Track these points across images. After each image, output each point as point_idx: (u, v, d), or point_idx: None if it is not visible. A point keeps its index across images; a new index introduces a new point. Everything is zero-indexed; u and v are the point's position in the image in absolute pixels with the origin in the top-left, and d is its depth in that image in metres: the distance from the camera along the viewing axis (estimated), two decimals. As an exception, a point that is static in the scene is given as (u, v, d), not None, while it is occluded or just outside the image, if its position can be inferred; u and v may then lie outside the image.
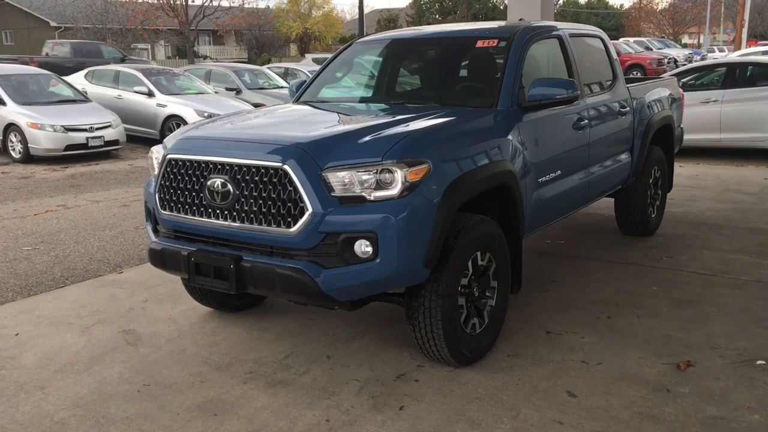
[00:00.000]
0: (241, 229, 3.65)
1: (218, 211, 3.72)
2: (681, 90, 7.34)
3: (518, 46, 4.63)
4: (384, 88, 5.19)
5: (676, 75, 11.15)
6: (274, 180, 3.52)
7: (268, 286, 3.63)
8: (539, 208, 4.57)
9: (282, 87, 17.08)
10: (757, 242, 6.40)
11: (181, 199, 3.87)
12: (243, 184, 3.61)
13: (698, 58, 41.36)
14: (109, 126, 12.96)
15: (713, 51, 51.79)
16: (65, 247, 6.75)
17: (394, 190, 3.44)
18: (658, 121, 6.37)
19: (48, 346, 4.40)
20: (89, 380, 3.92)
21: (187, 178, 3.83)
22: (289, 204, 3.49)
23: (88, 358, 4.21)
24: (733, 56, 16.62)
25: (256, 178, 3.57)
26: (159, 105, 14.22)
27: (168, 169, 3.92)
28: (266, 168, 3.55)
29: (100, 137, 12.77)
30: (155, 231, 4.20)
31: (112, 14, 40.32)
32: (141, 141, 14.63)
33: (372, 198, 3.46)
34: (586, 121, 5.10)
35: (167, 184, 3.93)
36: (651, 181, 6.45)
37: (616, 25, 67.22)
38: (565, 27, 5.41)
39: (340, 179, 3.47)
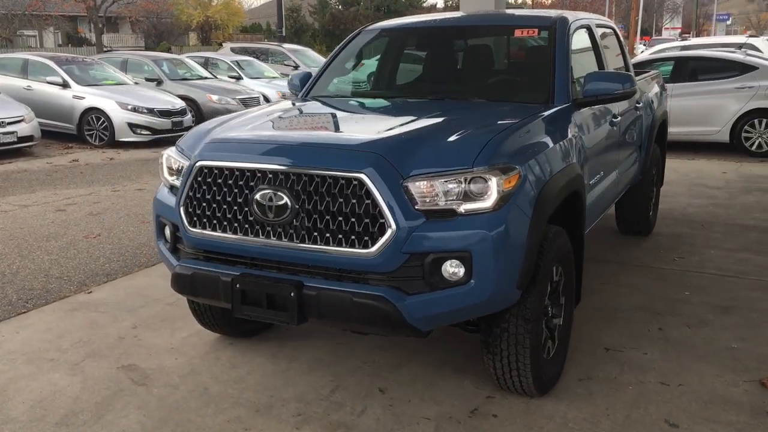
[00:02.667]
0: (301, 249, 3.06)
1: (269, 229, 3.12)
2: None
3: (562, 36, 4.23)
4: (412, 82, 4.63)
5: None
6: (347, 192, 2.96)
7: (338, 317, 3.06)
8: (588, 213, 4.20)
9: (206, 78, 16.08)
10: (755, 240, 6.31)
11: (218, 215, 3.23)
12: (304, 197, 3.02)
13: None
14: (21, 120, 11.72)
15: (607, 45, 53.42)
16: (10, 263, 5.86)
17: (488, 202, 2.96)
18: (660, 116, 6.18)
19: (36, 390, 3.65)
20: (106, 435, 3.24)
21: (226, 190, 3.20)
22: (367, 220, 2.94)
23: (93, 404, 3.51)
24: (644, 55, 16.92)
25: (323, 190, 3.00)
26: (75, 97, 13.04)
27: (199, 179, 3.26)
28: (336, 177, 2.98)
29: (12, 133, 11.54)
30: (174, 251, 3.54)
31: (-6, -3, 37.45)
32: (55, 136, 13.39)
33: (462, 211, 2.96)
34: (619, 118, 4.77)
35: (198, 196, 3.28)
36: (651, 178, 6.24)
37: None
38: (589, 17, 5.05)
39: (424, 190, 2.95)
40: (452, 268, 2.95)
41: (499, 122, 3.43)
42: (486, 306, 3.05)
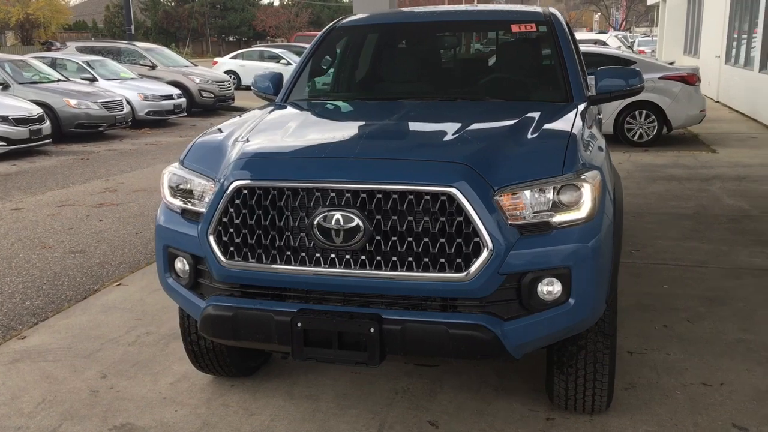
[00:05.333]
0: (377, 277, 2.65)
1: (333, 256, 2.67)
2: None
3: (562, 31, 4.06)
4: (413, 83, 4.18)
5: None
6: (434, 209, 2.59)
7: (428, 351, 2.68)
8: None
9: (59, 80, 14.61)
10: (689, 228, 6.53)
11: (264, 243, 2.73)
12: (379, 217, 2.61)
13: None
14: None
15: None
16: None
17: (583, 211, 2.70)
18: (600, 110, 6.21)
19: (19, 472, 2.96)
20: None
21: (274, 213, 2.71)
22: (458, 240, 2.58)
23: (103, 481, 2.89)
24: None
25: (402, 208, 2.60)
26: None
27: (237, 203, 2.74)
28: (419, 193, 2.59)
29: None
30: (193, 288, 2.98)
31: None
32: None
33: (556, 223, 2.68)
34: (601, 114, 4.69)
35: (236, 222, 2.75)
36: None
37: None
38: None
39: (514, 203, 2.65)
40: (548, 287, 2.67)
41: (554, 126, 3.17)
42: (582, 325, 2.79)
